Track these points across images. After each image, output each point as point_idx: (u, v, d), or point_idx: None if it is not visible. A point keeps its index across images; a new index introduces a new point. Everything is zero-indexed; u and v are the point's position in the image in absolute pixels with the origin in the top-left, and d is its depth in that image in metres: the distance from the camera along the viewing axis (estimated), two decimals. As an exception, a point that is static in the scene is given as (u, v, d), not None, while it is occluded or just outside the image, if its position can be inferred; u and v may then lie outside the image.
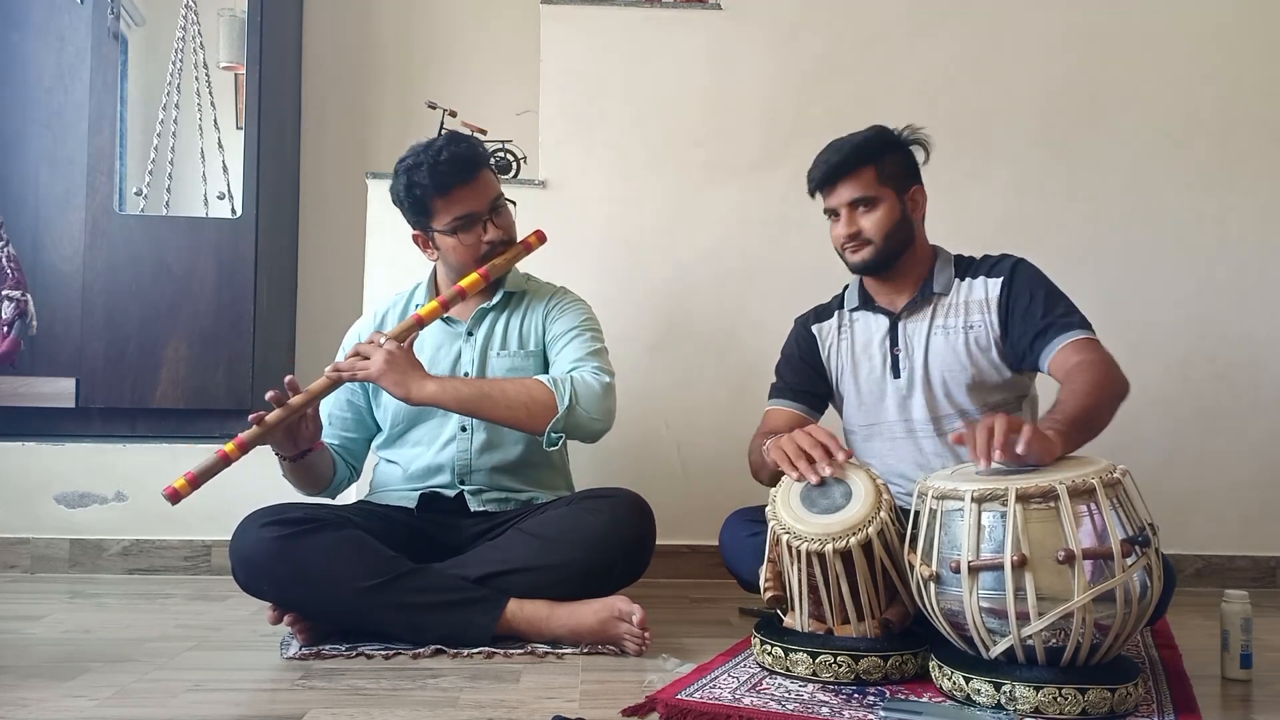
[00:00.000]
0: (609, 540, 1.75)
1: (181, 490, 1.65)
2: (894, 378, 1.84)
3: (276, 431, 1.73)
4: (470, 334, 1.97)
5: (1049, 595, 1.31)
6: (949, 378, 1.80)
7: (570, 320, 1.96)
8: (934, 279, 1.85)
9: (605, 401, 1.82)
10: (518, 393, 1.78)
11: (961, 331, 1.81)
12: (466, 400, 1.77)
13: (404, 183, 1.88)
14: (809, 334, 1.97)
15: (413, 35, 3.09)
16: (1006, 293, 1.79)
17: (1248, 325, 2.58)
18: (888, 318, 1.87)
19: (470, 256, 1.89)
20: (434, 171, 1.84)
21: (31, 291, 1.78)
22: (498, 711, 1.35)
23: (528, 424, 1.78)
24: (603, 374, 1.85)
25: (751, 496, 1.88)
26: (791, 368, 1.97)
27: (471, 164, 1.87)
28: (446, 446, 1.91)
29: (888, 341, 1.86)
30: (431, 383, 1.77)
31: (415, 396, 1.75)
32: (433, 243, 1.93)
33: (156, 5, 2.86)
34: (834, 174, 1.82)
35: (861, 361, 1.89)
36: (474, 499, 1.90)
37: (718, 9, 2.60)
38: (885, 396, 1.86)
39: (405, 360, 1.77)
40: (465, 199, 1.87)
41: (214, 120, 2.79)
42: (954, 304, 1.83)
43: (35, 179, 2.67)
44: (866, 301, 1.92)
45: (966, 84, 2.59)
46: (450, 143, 1.88)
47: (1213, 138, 2.60)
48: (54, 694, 1.40)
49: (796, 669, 1.49)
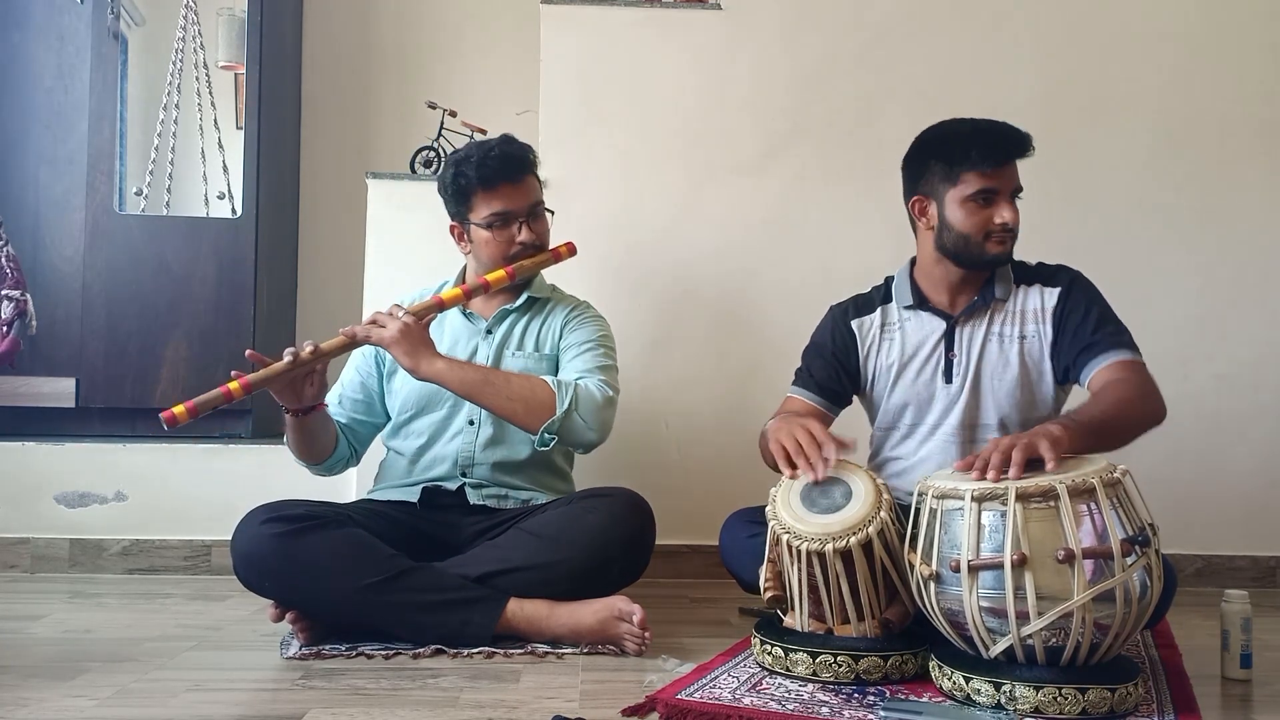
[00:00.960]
0: (608, 539, 1.75)
1: (180, 417, 1.63)
2: (945, 382, 1.79)
3: (281, 379, 1.73)
4: (489, 331, 2.00)
5: (1049, 595, 1.31)
6: (998, 386, 1.76)
7: (587, 333, 1.99)
8: (995, 283, 1.80)
9: (603, 413, 1.83)
10: (520, 386, 1.80)
11: (1017, 341, 1.77)
12: (470, 383, 1.79)
13: (451, 173, 1.95)
14: (847, 329, 1.89)
15: (412, 35, 3.09)
16: (1063, 304, 1.75)
17: (1248, 325, 2.58)
18: (945, 321, 1.82)
19: (501, 254, 1.93)
20: (482, 165, 1.91)
21: (31, 291, 1.78)
22: (498, 711, 1.35)
23: (524, 418, 1.80)
24: (607, 388, 1.86)
25: (751, 496, 1.88)
26: (821, 360, 1.90)
27: (520, 164, 1.94)
28: (453, 439, 1.93)
29: (943, 345, 1.81)
30: (440, 360, 1.80)
31: (423, 370, 1.78)
32: (468, 235, 1.97)
33: (156, 5, 2.86)
34: (1015, 152, 1.73)
35: (911, 363, 1.83)
36: (474, 492, 1.90)
37: (718, 9, 2.60)
38: (933, 400, 1.80)
39: (419, 334, 1.79)
40: (506, 196, 1.92)
41: (214, 120, 2.79)
42: (1012, 312, 1.79)
43: (35, 179, 2.67)
44: (922, 301, 1.85)
45: (967, 84, 2.59)
46: (504, 142, 1.96)
47: (1213, 138, 2.60)
48: (54, 694, 1.40)
49: (796, 669, 1.49)
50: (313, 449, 1.92)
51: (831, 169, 2.57)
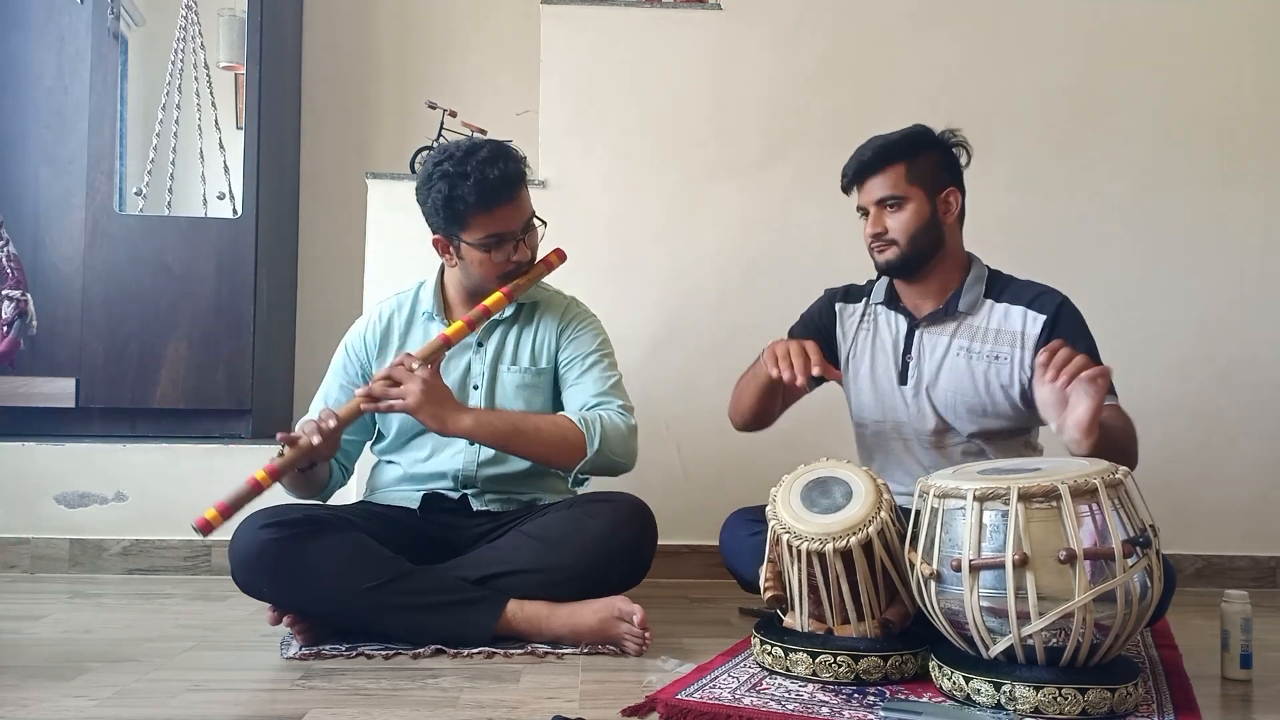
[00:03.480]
0: (609, 544, 1.74)
1: (214, 522, 1.58)
2: (900, 384, 1.84)
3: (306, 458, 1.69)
4: (480, 345, 1.94)
5: (1050, 595, 1.30)
6: (958, 400, 1.77)
7: (586, 344, 1.94)
8: (961, 295, 1.80)
9: (630, 443, 1.84)
10: (550, 431, 1.78)
11: (985, 359, 1.76)
12: (500, 435, 1.77)
13: (444, 191, 1.77)
14: (832, 310, 1.96)
15: (412, 35, 3.09)
16: (1048, 335, 1.71)
17: (1248, 325, 2.58)
18: (908, 321, 1.86)
19: (495, 273, 1.84)
20: (481, 186, 1.76)
21: (31, 291, 1.78)
22: (498, 711, 1.35)
23: (556, 462, 1.81)
24: (628, 414, 1.86)
25: (751, 496, 1.88)
26: (805, 330, 1.96)
27: (517, 182, 1.81)
28: (454, 457, 1.90)
29: (902, 346, 1.85)
30: (467, 416, 1.75)
31: (450, 429, 1.73)
32: (458, 253, 1.86)
33: (156, 5, 2.86)
34: (862, 171, 1.82)
35: (878, 358, 1.88)
36: (477, 500, 1.89)
37: (718, 9, 2.60)
38: (885, 400, 1.86)
39: (440, 391, 1.74)
40: (505, 218, 1.80)
41: (214, 120, 2.79)
42: (983, 328, 1.78)
43: (35, 179, 2.67)
44: (892, 299, 1.89)
45: (967, 84, 2.59)
46: (500, 157, 1.79)
47: (1213, 138, 2.60)
48: (54, 694, 1.40)
49: (796, 669, 1.49)
50: (313, 490, 1.87)
51: (831, 169, 2.51)
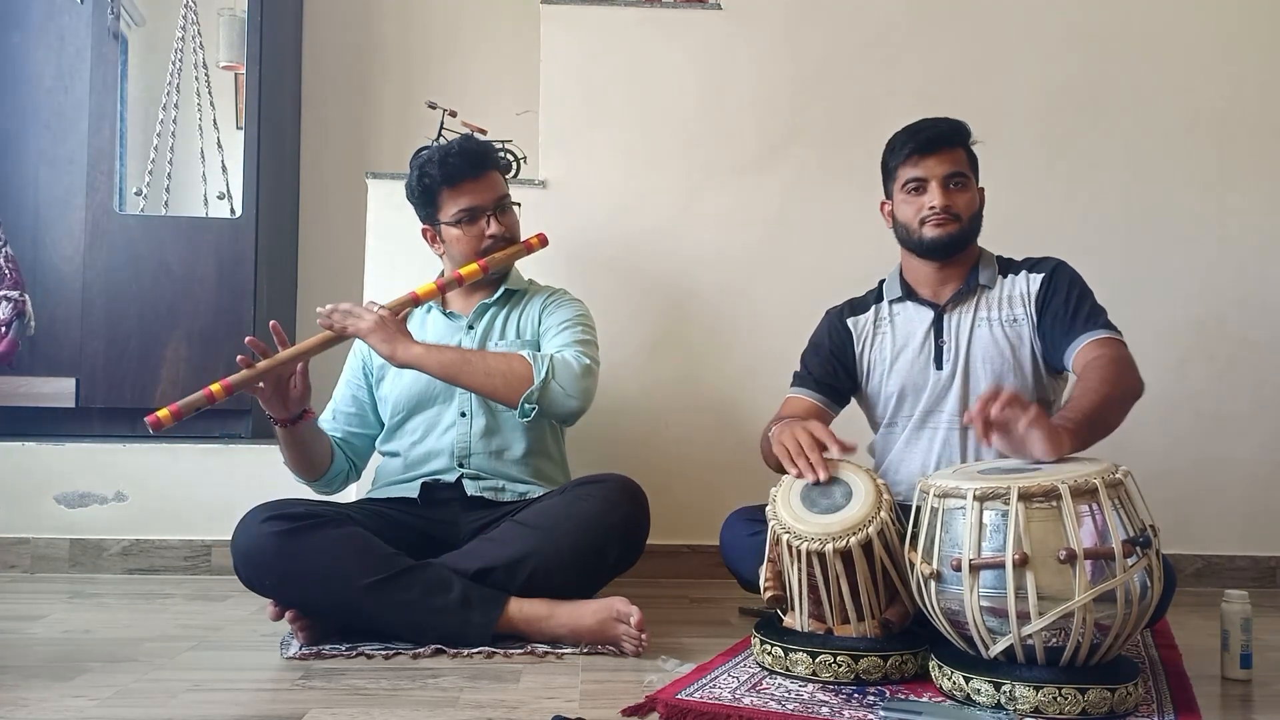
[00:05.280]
0: (602, 524, 1.76)
1: (164, 420, 1.70)
2: (936, 369, 1.84)
3: (265, 378, 1.77)
4: (471, 327, 2.03)
5: (1050, 595, 1.30)
6: (989, 370, 1.81)
7: (564, 314, 2.02)
8: (979, 271, 1.87)
9: (582, 381, 1.86)
10: (497, 362, 1.85)
11: (1003, 324, 1.82)
12: (448, 364, 1.84)
13: (416, 175, 2.00)
14: (843, 327, 1.96)
15: (413, 35, 3.09)
16: (1045, 288, 1.81)
17: (1248, 325, 2.57)
18: (932, 310, 1.87)
19: (473, 249, 1.98)
20: (444, 164, 1.96)
21: (31, 291, 1.78)
22: (498, 711, 1.35)
23: (504, 392, 1.83)
24: (584, 357, 1.89)
25: (751, 496, 1.88)
26: (819, 358, 1.96)
27: (481, 160, 1.99)
28: (446, 432, 1.95)
29: (932, 333, 1.86)
30: (417, 346, 1.85)
31: (400, 356, 1.83)
32: (439, 236, 2.02)
33: (156, 5, 2.86)
34: (938, 141, 1.82)
35: (903, 354, 1.88)
36: (472, 484, 1.92)
37: (718, 9, 2.60)
38: (926, 387, 1.85)
39: (395, 324, 1.85)
40: (471, 192, 1.97)
41: (214, 120, 2.80)
42: (999, 298, 1.85)
43: (35, 179, 2.67)
44: (910, 294, 1.91)
45: (966, 84, 2.59)
46: (464, 140, 2.03)
47: (1213, 138, 2.60)
48: (54, 694, 1.40)
49: (796, 669, 1.49)
50: (309, 460, 1.93)
51: (831, 169, 2.57)
